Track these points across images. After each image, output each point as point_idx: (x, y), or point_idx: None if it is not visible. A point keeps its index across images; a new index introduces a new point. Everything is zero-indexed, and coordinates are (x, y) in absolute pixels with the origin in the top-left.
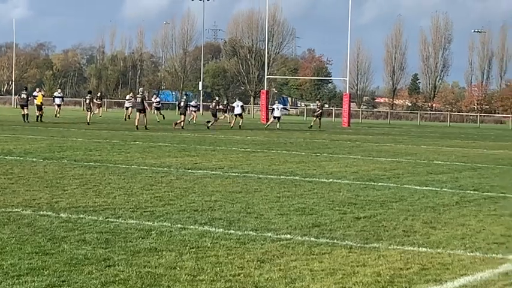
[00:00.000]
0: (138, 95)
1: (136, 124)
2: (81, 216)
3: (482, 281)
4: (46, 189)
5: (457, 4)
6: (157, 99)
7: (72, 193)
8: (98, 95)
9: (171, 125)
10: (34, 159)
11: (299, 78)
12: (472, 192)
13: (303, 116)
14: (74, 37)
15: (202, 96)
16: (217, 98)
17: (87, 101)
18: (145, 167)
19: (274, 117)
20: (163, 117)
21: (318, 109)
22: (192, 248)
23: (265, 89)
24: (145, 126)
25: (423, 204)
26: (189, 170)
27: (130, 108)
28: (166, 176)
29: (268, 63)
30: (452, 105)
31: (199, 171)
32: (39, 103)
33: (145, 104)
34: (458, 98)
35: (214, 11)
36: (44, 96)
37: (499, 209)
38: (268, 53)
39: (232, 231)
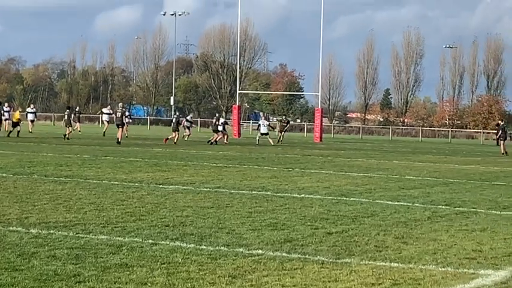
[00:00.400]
0: (118, 110)
1: (118, 137)
2: (52, 231)
3: None
4: (16, 204)
5: (429, 20)
6: (127, 113)
7: (42, 208)
8: (77, 109)
9: (133, 139)
10: (4, 175)
11: (271, 93)
12: (443, 207)
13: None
14: (44, 52)
15: (174, 111)
16: (217, 115)
17: (66, 117)
18: (117, 182)
19: (262, 134)
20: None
21: (285, 124)
22: (163, 263)
23: (237, 104)
24: (119, 142)
25: (395, 219)
26: (161, 185)
27: (109, 123)
28: (138, 191)
29: (240, 78)
30: (424, 120)
31: (171, 186)
32: (16, 120)
33: (124, 119)
34: (430, 113)
35: (186, 25)
36: (21, 112)
37: (471, 224)
38: (240, 67)
39: (204, 247)
